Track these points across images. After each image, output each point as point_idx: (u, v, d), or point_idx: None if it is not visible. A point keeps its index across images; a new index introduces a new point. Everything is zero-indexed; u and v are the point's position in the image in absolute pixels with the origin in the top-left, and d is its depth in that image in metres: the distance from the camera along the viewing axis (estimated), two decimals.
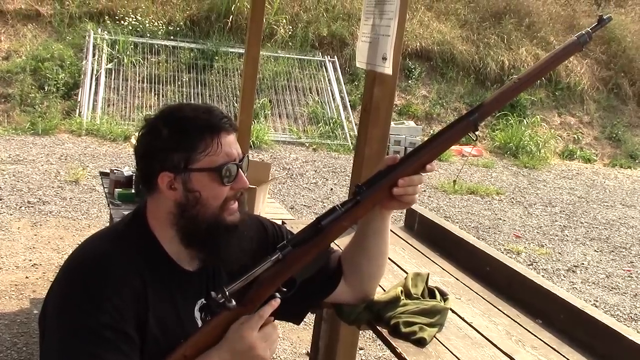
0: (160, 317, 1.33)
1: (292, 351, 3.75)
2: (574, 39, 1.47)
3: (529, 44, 12.44)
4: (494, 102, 1.48)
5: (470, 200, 7.88)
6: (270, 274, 1.37)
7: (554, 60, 1.48)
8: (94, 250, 1.36)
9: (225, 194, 1.37)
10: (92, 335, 1.23)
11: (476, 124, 1.45)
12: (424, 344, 1.61)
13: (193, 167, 1.34)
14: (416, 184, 1.46)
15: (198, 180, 1.35)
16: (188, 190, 1.36)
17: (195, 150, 1.34)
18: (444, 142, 1.48)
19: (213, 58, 10.31)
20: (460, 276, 2.15)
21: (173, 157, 1.34)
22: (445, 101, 11.41)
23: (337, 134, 9.95)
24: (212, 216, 1.36)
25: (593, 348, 1.67)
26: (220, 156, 1.35)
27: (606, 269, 5.95)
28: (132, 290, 1.29)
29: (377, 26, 2.48)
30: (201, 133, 1.34)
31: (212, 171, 1.34)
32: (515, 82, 1.46)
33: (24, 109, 8.68)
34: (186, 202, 1.36)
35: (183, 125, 1.36)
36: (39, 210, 5.60)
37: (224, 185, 1.36)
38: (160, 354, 1.31)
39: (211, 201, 1.36)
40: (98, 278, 1.27)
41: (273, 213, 3.68)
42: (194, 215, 1.36)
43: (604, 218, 7.80)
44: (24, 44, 9.51)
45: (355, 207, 1.43)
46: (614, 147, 11.95)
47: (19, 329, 3.59)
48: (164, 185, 1.36)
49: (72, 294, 1.27)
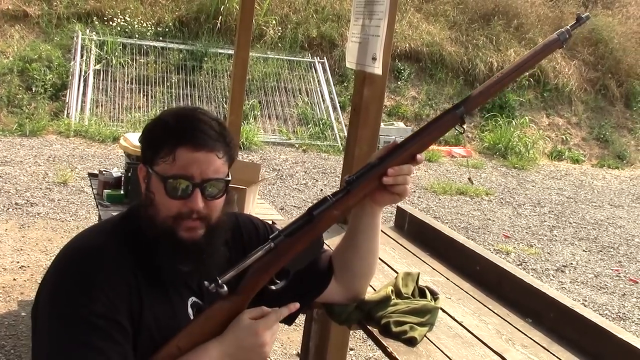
0: (155, 312, 1.33)
1: (283, 352, 3.74)
2: (554, 36, 1.52)
3: (517, 45, 12.50)
4: (479, 95, 1.52)
5: (459, 201, 7.91)
6: (263, 263, 1.38)
7: (535, 56, 1.53)
8: (88, 242, 1.36)
9: (175, 208, 1.34)
10: (84, 323, 1.22)
11: (462, 116, 1.48)
12: (415, 343, 1.62)
13: (154, 169, 1.35)
14: (406, 173, 1.47)
15: (154, 183, 1.36)
16: (148, 189, 1.37)
17: (157, 153, 1.34)
18: (432, 134, 1.50)
19: (202, 59, 10.28)
20: (451, 275, 2.16)
21: (145, 153, 1.39)
22: (434, 102, 11.44)
23: (327, 135, 9.95)
24: (163, 224, 1.35)
25: (582, 346, 1.68)
26: (174, 168, 1.32)
27: (595, 268, 5.98)
28: (126, 283, 1.29)
29: (366, 26, 2.48)
30: (164, 139, 1.34)
31: (161, 180, 1.33)
32: (499, 77, 1.51)
33: (11, 110, 8.61)
34: (145, 199, 1.38)
35: (156, 126, 1.38)
36: (27, 212, 5.56)
37: (172, 198, 1.33)
38: (154, 347, 1.31)
39: (161, 208, 1.35)
40: (91, 268, 1.28)
41: (263, 214, 3.66)
42: (150, 215, 1.36)
43: (592, 218, 7.85)
44: (11, 44, 9.44)
45: (346, 197, 1.44)
46: (601, 148, 12.03)
47: (6, 332, 3.56)
48: (141, 177, 1.40)
49: (64, 284, 1.27)
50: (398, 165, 1.46)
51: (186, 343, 1.32)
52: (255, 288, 1.39)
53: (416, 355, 1.57)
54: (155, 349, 1.31)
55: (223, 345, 1.32)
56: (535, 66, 10.83)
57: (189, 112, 1.39)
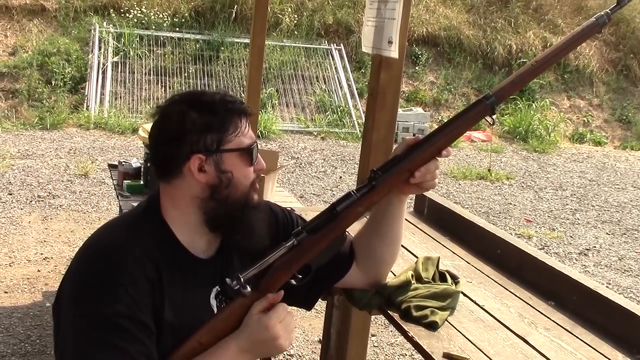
0: (176, 305, 1.33)
1: (304, 339, 3.75)
2: (592, 20, 1.44)
3: (537, 27, 12.33)
4: (511, 84, 1.45)
5: (480, 186, 7.85)
6: (285, 260, 1.36)
7: (573, 42, 1.46)
8: (109, 238, 1.35)
9: (251, 174, 1.40)
10: (108, 324, 1.22)
11: (493, 107, 1.43)
12: (436, 327, 1.60)
13: (225, 148, 1.35)
14: (433, 170, 1.45)
15: (230, 161, 1.36)
16: (221, 171, 1.36)
17: (226, 132, 1.36)
18: (460, 126, 1.46)
19: (219, 49, 10.29)
20: (471, 259, 2.14)
21: (206, 138, 1.34)
22: (453, 87, 11.34)
23: (345, 122, 9.92)
24: (243, 196, 1.39)
25: (607, 329, 1.66)
26: (247, 137, 1.38)
27: (618, 251, 5.91)
28: (148, 279, 1.28)
29: (382, 10, 2.45)
30: (231, 115, 1.37)
31: (243, 151, 1.37)
32: (533, 65, 1.44)
33: (31, 104, 8.70)
34: (219, 183, 1.36)
35: (212, 107, 1.37)
36: (49, 204, 5.62)
37: (251, 165, 1.39)
38: (176, 342, 1.31)
39: (243, 181, 1.38)
40: (114, 266, 1.27)
41: (282, 201, 3.67)
42: (224, 196, 1.37)
43: (615, 201, 7.75)
44: (30, 39, 9.53)
45: (371, 193, 1.41)
46: (624, 130, 11.85)
47: (32, 322, 3.61)
48: (194, 168, 1.35)
49: (88, 283, 1.26)
50: (424, 161, 1.43)
51: (208, 339, 1.32)
52: (277, 285, 1.37)
53: (437, 340, 1.56)
54: (178, 343, 1.31)
55: (238, 340, 1.32)
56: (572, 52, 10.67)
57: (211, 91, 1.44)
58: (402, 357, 3.67)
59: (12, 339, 3.41)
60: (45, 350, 3.33)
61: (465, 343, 1.56)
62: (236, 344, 1.31)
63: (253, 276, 1.32)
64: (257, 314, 1.32)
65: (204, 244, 1.42)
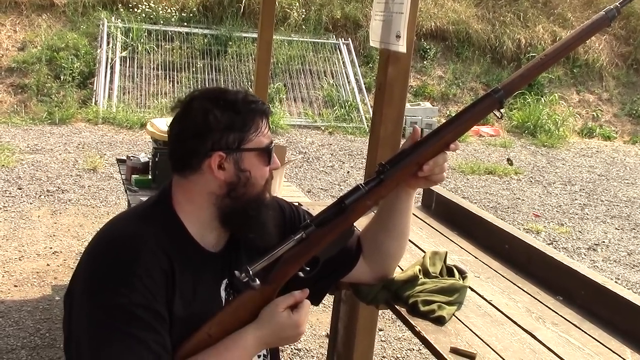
0: (186, 297, 1.34)
1: (312, 333, 3.76)
2: (602, 13, 1.44)
3: (546, 21, 12.26)
4: (520, 78, 1.45)
5: (488, 181, 7.82)
6: (294, 253, 1.38)
7: (582, 36, 1.45)
8: (122, 230, 1.36)
9: (267, 173, 1.42)
10: (125, 314, 1.23)
11: (502, 101, 1.43)
12: (443, 322, 1.60)
13: (245, 147, 1.37)
14: (441, 163, 1.46)
15: (249, 160, 1.38)
16: (240, 169, 1.37)
17: (248, 131, 1.37)
18: (468, 120, 1.46)
19: (227, 43, 10.29)
20: (479, 254, 2.14)
21: (228, 136, 1.35)
22: (461, 81, 11.29)
23: (353, 117, 9.90)
24: (258, 195, 1.40)
25: (615, 324, 1.65)
26: (266, 137, 1.40)
27: (627, 246, 5.88)
28: (161, 269, 1.29)
29: (390, 4, 2.44)
30: (253, 114, 1.38)
31: (262, 151, 1.38)
32: (542, 59, 1.44)
33: (40, 98, 8.74)
34: (237, 181, 1.37)
35: (236, 106, 1.37)
36: (58, 198, 5.65)
37: (268, 165, 1.41)
38: (185, 333, 1.32)
39: (259, 180, 1.40)
40: (129, 257, 1.27)
41: (289, 196, 3.67)
42: (241, 194, 1.38)
43: (624, 195, 7.71)
44: (39, 34, 9.56)
45: (379, 186, 1.42)
46: (634, 124, 11.77)
47: (41, 316, 3.63)
48: (214, 165, 1.35)
49: (103, 274, 1.27)
50: (432, 155, 1.44)
51: (217, 331, 1.33)
52: (285, 278, 1.39)
53: (445, 334, 1.56)
54: (186, 334, 1.32)
55: (260, 332, 1.34)
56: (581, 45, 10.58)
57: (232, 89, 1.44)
58: (410, 351, 3.68)
59: (21, 332, 3.44)
60: (54, 343, 3.35)
61: (472, 338, 1.56)
62: (255, 335, 1.34)
63: (262, 269, 1.34)
64: (284, 310, 1.35)
65: (214, 239, 1.43)
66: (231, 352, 1.32)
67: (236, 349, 1.32)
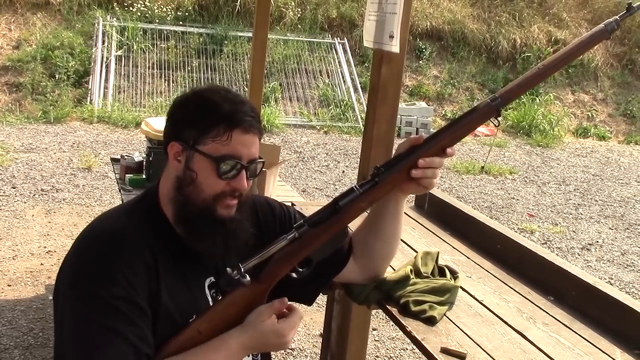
0: (172, 291, 1.34)
1: (306, 333, 3.77)
2: (601, 26, 1.45)
3: (541, 21, 12.28)
4: (517, 87, 1.45)
5: (483, 180, 7.84)
6: (286, 252, 1.38)
7: (580, 48, 1.46)
8: (106, 224, 1.37)
9: (220, 187, 1.36)
10: (105, 306, 1.24)
11: (499, 109, 1.44)
12: (434, 322, 1.61)
13: (198, 148, 1.35)
14: (436, 166, 1.45)
15: (199, 162, 1.36)
16: (188, 167, 1.37)
17: (206, 134, 1.35)
18: (465, 127, 1.46)
19: (222, 42, 10.28)
20: (471, 254, 2.14)
21: (187, 131, 1.37)
22: (456, 81, 11.31)
23: (348, 116, 9.91)
24: (203, 203, 1.36)
25: (605, 324, 1.66)
26: (226, 149, 1.34)
27: (621, 246, 5.91)
28: (144, 264, 1.30)
29: (383, 4, 2.45)
30: (218, 120, 1.35)
31: (212, 159, 1.34)
32: (540, 68, 1.45)
33: (35, 97, 8.72)
34: (183, 178, 1.38)
35: (207, 106, 1.37)
36: (53, 197, 5.64)
37: (220, 178, 1.35)
38: (173, 328, 1.32)
39: (204, 188, 1.36)
40: (111, 251, 1.29)
41: (284, 196, 3.67)
42: (186, 194, 1.37)
43: (618, 195, 7.73)
44: (34, 32, 9.54)
45: (373, 189, 1.43)
46: (628, 124, 11.81)
47: (35, 315, 3.63)
48: (171, 154, 1.39)
49: (85, 267, 1.29)
50: (429, 157, 1.44)
51: (207, 328, 1.34)
52: (277, 277, 1.39)
53: (435, 334, 1.56)
54: (174, 331, 1.32)
55: (243, 338, 1.34)
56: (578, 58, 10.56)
57: (233, 94, 1.41)
58: (403, 351, 3.68)
59: (15, 332, 3.43)
60: (47, 343, 3.34)
61: (463, 338, 1.56)
62: (238, 341, 1.33)
63: (253, 267, 1.34)
64: (272, 321, 1.35)
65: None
66: (216, 353, 1.32)
67: (220, 351, 1.33)
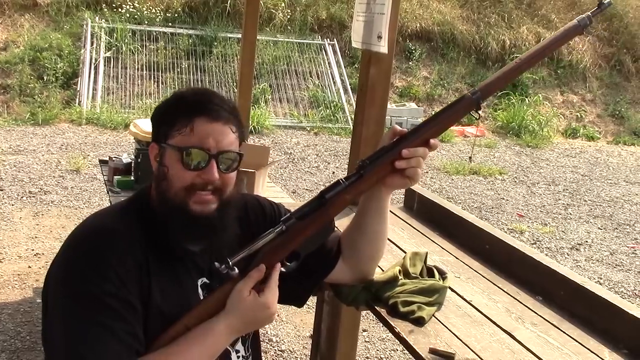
0: (164, 289, 1.34)
1: (296, 334, 3.76)
2: (574, 22, 1.49)
3: (530, 22, 12.34)
4: (496, 81, 1.49)
5: (473, 181, 7.86)
6: (274, 246, 1.38)
7: (555, 43, 1.50)
8: (97, 223, 1.37)
9: (189, 179, 1.35)
10: (95, 303, 1.24)
11: (478, 102, 1.46)
12: (423, 323, 1.60)
13: (168, 143, 1.36)
14: (420, 155, 1.45)
15: (169, 156, 1.36)
16: (161, 163, 1.38)
17: (173, 127, 1.36)
18: (446, 120, 1.48)
19: (212, 44, 10.25)
20: (460, 255, 2.14)
21: (160, 129, 1.39)
22: (446, 82, 11.34)
23: (338, 117, 9.91)
24: (175, 197, 1.35)
25: (593, 323, 1.66)
26: (192, 139, 1.34)
27: (610, 246, 5.93)
28: (135, 261, 1.30)
29: (371, 5, 2.45)
30: (181, 112, 1.36)
31: (178, 150, 1.34)
32: (517, 62, 1.48)
33: (23, 99, 8.66)
34: (158, 174, 1.39)
35: (174, 102, 1.41)
36: (41, 200, 5.60)
37: (187, 169, 1.34)
38: (164, 325, 1.32)
39: (175, 181, 1.36)
40: (101, 248, 1.29)
41: (273, 197, 3.64)
42: (162, 190, 1.37)
43: (607, 195, 7.77)
44: (22, 34, 9.47)
45: (359, 181, 1.44)
46: (617, 125, 11.88)
47: (22, 318, 3.60)
48: (152, 156, 1.40)
49: (76, 264, 1.29)
50: (413, 148, 1.44)
51: (195, 323, 1.33)
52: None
53: (424, 335, 1.56)
54: (166, 325, 1.32)
55: (229, 321, 1.33)
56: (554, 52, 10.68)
57: (203, 89, 1.43)
58: (394, 352, 3.68)
59: (1, 336, 3.40)
60: (35, 346, 3.32)
61: (451, 338, 1.56)
62: (227, 325, 1.33)
63: (242, 260, 1.34)
64: (250, 294, 1.34)
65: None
66: (202, 340, 1.32)
67: (207, 337, 1.32)
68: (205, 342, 1.32)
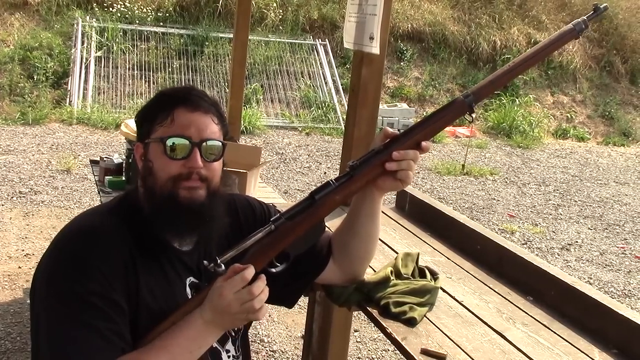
0: (152, 288, 1.34)
1: (287, 335, 3.75)
2: (570, 26, 1.48)
3: (521, 23, 12.39)
4: (489, 84, 1.48)
5: (464, 181, 7.88)
6: (263, 245, 1.38)
7: (550, 46, 1.49)
8: (84, 223, 1.37)
9: (175, 169, 1.35)
10: (80, 302, 1.24)
11: (471, 105, 1.45)
12: (414, 323, 1.61)
13: (151, 137, 1.38)
14: (411, 158, 1.44)
15: (153, 150, 1.38)
16: (146, 159, 1.39)
17: (154, 121, 1.38)
18: (438, 123, 1.47)
19: (203, 44, 10.23)
20: (451, 255, 2.15)
21: (142, 128, 1.41)
22: (437, 82, 11.37)
23: (330, 118, 9.91)
24: (163, 188, 1.36)
25: (584, 323, 1.67)
26: (172, 129, 1.36)
27: (600, 246, 5.97)
28: (122, 261, 1.30)
29: (363, 5, 2.45)
30: (161, 105, 1.39)
31: (160, 142, 1.35)
32: (511, 66, 1.47)
33: (13, 98, 8.61)
34: (144, 171, 1.39)
35: (154, 99, 1.44)
36: (31, 200, 5.57)
37: (171, 158, 1.35)
38: (153, 323, 1.32)
39: (160, 173, 1.36)
40: (87, 247, 1.29)
41: (265, 197, 3.65)
42: (150, 185, 1.38)
43: (597, 196, 7.82)
44: (12, 33, 9.42)
45: (349, 182, 1.43)
46: (607, 125, 11.95)
47: (12, 319, 3.58)
48: (137, 156, 1.41)
49: (61, 263, 1.29)
50: (403, 150, 1.44)
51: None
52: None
53: (416, 336, 1.57)
54: (154, 326, 1.32)
55: (202, 312, 1.32)
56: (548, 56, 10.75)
57: (184, 85, 1.45)
58: (385, 352, 3.68)
59: None
60: (25, 347, 3.30)
61: (443, 339, 1.56)
62: (200, 316, 1.32)
63: (231, 259, 1.34)
64: (219, 282, 1.31)
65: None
66: (184, 333, 1.30)
67: (185, 330, 1.31)
68: (187, 334, 1.30)
